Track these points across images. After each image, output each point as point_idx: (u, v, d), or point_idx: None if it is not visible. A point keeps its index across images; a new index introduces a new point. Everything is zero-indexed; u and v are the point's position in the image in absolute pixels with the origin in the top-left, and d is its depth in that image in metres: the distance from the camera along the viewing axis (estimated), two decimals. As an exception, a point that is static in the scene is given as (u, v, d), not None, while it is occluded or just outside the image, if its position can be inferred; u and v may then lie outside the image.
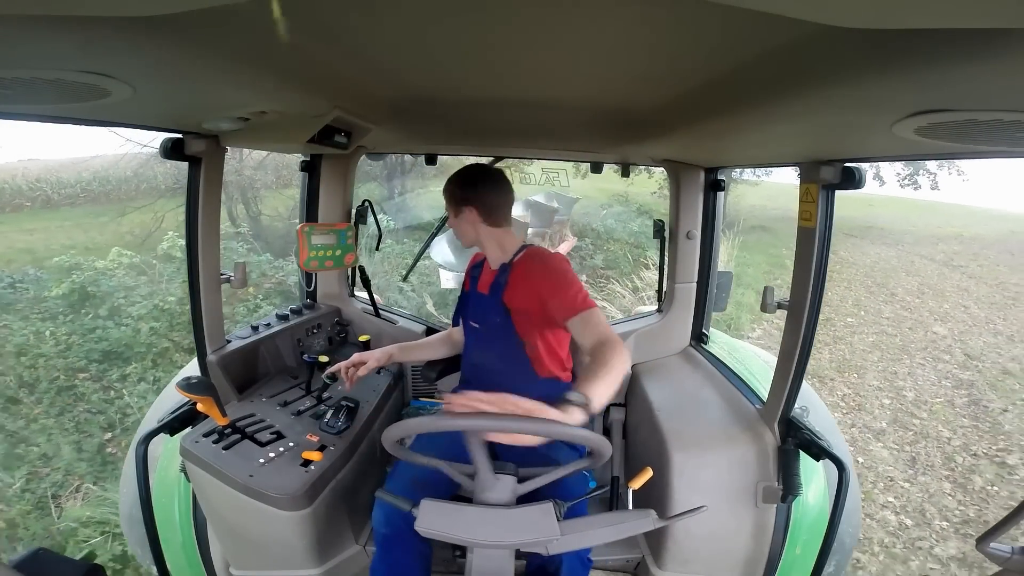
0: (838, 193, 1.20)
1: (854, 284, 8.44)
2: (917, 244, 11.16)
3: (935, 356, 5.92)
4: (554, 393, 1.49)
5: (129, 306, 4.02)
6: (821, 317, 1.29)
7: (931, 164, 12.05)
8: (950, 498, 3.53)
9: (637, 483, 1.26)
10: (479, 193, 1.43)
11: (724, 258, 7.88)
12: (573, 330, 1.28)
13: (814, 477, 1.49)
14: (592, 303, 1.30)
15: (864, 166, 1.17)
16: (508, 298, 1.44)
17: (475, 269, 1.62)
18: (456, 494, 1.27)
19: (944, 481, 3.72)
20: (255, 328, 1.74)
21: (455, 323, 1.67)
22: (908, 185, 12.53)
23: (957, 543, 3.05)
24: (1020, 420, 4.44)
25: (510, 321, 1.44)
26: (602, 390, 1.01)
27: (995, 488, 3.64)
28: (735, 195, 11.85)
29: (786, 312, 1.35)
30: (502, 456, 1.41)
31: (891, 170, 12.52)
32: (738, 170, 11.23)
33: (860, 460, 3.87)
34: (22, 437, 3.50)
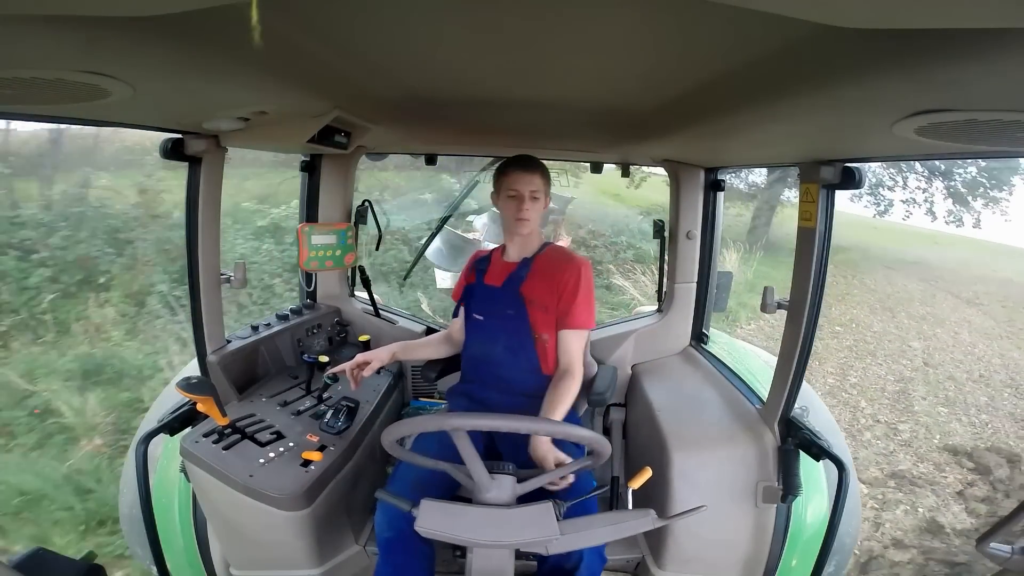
0: (902, 226, 1.20)
1: (863, 305, 8.61)
2: (953, 282, 10.88)
3: (895, 359, 6.45)
4: None
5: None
6: None
7: (977, 203, 11.70)
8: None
9: (637, 483, 1.26)
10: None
11: (747, 272, 8.34)
12: (561, 338, 1.45)
13: (814, 477, 1.49)
14: (591, 324, 1.47)
15: (864, 170, 1.17)
16: (527, 289, 1.46)
17: (481, 263, 1.62)
18: (457, 494, 1.27)
19: (840, 432, 4.40)
20: (255, 328, 1.74)
21: (455, 315, 1.67)
22: (952, 222, 12.07)
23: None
24: (931, 406, 5.28)
25: (524, 313, 1.45)
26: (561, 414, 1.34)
27: (877, 441, 4.59)
28: (780, 217, 11.55)
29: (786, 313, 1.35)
30: (503, 456, 1.42)
31: (942, 207, 11.99)
32: (786, 193, 11.03)
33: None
34: (233, 317, 4.67)
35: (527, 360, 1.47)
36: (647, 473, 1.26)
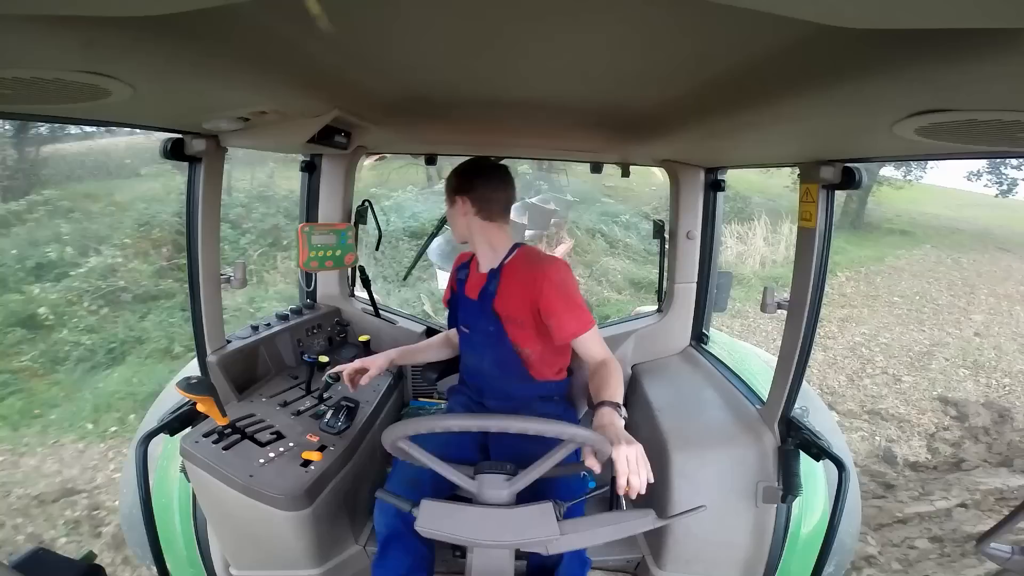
0: None
1: (941, 281, 8.41)
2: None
3: (941, 327, 6.38)
4: (552, 393, 1.49)
5: (420, 213, 7.31)
6: (868, 290, 1.29)
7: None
8: (834, 382, 4.88)
9: None
10: (474, 183, 1.40)
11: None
12: (577, 347, 1.35)
13: (814, 477, 1.49)
14: (592, 320, 1.36)
15: (863, 171, 1.17)
16: (499, 306, 1.40)
17: (461, 271, 1.57)
18: (455, 494, 1.27)
19: (841, 375, 5.00)
20: (255, 328, 1.74)
21: (451, 326, 1.65)
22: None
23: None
24: (952, 367, 5.38)
25: (502, 329, 1.40)
26: (621, 395, 1.24)
27: (874, 386, 4.86)
28: (878, 198, 11.16)
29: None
30: (501, 456, 1.41)
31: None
32: (876, 168, 10.34)
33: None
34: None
35: (515, 371, 1.44)
36: None
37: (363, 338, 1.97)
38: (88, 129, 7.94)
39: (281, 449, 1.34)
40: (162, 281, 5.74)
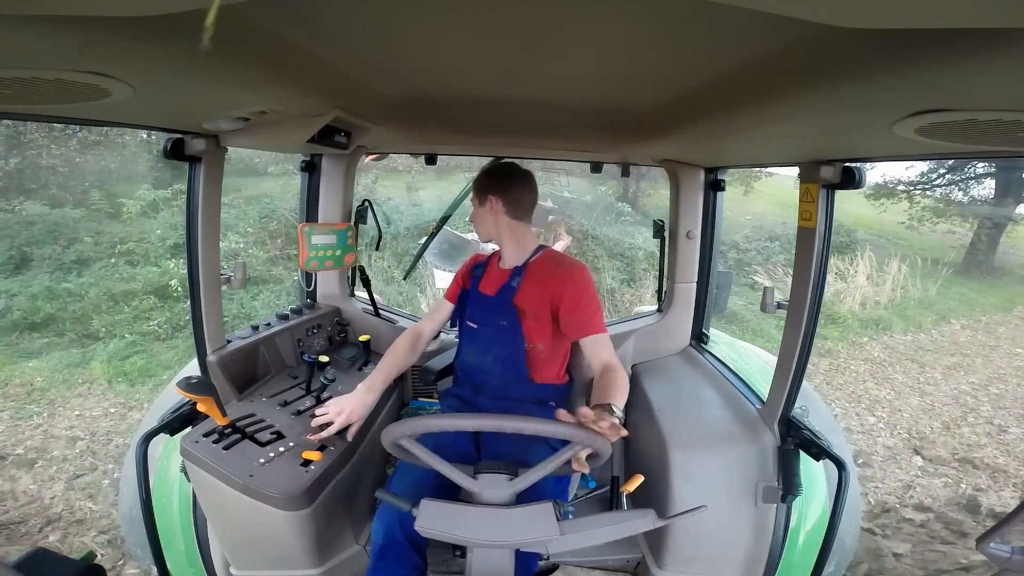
0: None
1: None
2: None
3: (984, 356, 6.25)
4: (549, 396, 1.49)
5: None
6: (987, 340, 1.23)
7: None
8: (925, 427, 4.59)
9: (630, 487, 1.27)
10: (506, 185, 1.47)
11: (928, 288, 8.01)
12: (585, 347, 1.37)
13: (814, 477, 1.49)
14: (604, 327, 1.38)
15: (863, 170, 1.17)
16: (520, 300, 1.44)
17: (476, 268, 1.61)
18: (460, 496, 1.27)
19: (936, 421, 4.77)
20: (255, 328, 1.74)
21: (454, 322, 1.65)
22: None
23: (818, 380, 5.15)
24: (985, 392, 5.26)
25: (518, 323, 1.43)
26: (623, 403, 1.21)
27: (972, 435, 4.47)
28: (1013, 238, 10.29)
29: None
30: (492, 453, 1.41)
31: None
32: (1012, 205, 9.68)
33: (832, 378, 5.47)
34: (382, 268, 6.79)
35: (517, 371, 1.46)
36: (639, 479, 1.28)
37: (363, 338, 1.97)
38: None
39: (281, 449, 1.34)
40: (274, 268, 6.52)
